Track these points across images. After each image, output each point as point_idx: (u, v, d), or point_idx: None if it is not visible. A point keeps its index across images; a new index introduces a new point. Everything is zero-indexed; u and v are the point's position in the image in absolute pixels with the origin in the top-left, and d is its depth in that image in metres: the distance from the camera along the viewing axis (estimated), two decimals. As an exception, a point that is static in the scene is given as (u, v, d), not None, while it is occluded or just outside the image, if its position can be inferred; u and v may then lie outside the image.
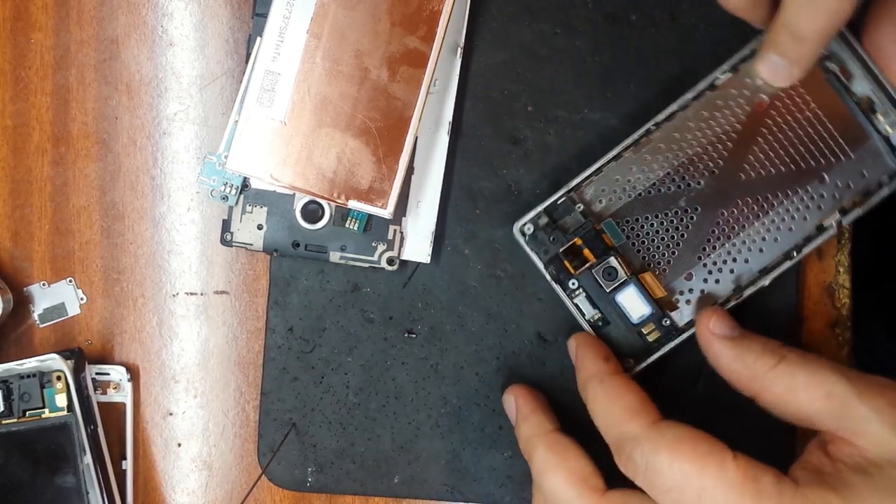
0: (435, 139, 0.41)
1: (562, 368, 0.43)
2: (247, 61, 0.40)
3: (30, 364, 0.42)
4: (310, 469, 0.43)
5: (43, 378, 0.42)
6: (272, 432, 0.43)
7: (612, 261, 0.38)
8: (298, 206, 0.41)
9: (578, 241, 0.39)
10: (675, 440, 0.33)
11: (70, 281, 0.44)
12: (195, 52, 0.44)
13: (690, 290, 0.39)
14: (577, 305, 0.39)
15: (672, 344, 0.39)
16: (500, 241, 0.43)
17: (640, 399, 0.36)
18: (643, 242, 0.39)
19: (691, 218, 0.39)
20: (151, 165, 0.44)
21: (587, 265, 0.39)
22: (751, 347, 0.35)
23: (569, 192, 0.39)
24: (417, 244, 0.42)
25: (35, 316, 0.44)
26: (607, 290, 0.39)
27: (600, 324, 0.39)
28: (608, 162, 0.39)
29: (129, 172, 0.44)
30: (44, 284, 0.44)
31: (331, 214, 0.41)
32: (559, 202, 0.39)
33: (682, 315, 0.39)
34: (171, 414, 0.45)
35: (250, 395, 0.44)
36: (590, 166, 0.40)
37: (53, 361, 0.42)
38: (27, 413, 0.42)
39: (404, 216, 0.42)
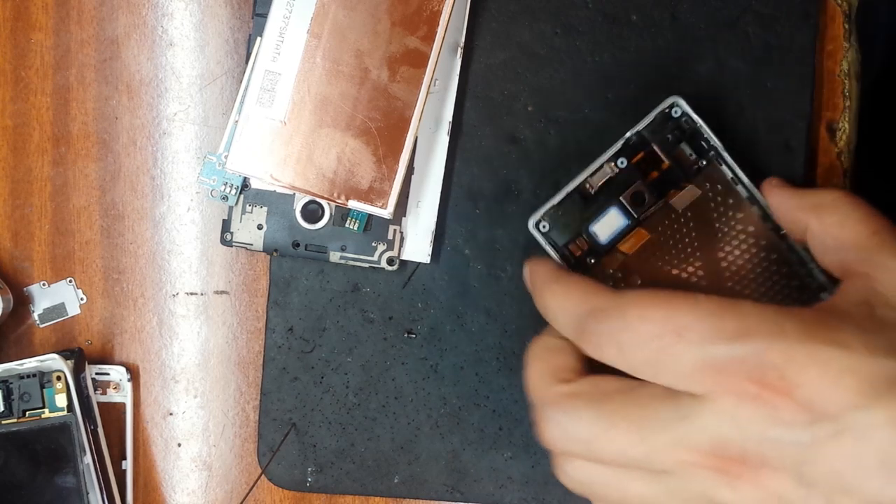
0: (435, 139, 0.41)
1: (562, 368, 0.43)
2: (247, 61, 0.40)
3: (30, 364, 0.42)
4: (310, 469, 0.43)
5: (43, 378, 0.42)
6: (272, 432, 0.43)
7: (650, 199, 0.37)
8: (298, 206, 0.41)
9: (666, 163, 0.38)
10: (641, 296, 0.31)
11: (70, 281, 0.44)
12: (195, 52, 0.44)
13: None
14: (601, 167, 0.38)
15: (564, 265, 0.39)
16: (500, 241, 0.43)
17: (599, 284, 0.34)
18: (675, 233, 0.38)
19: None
20: (151, 165, 0.44)
21: (643, 175, 0.38)
22: (807, 190, 0.36)
23: (717, 152, 0.38)
24: (417, 244, 0.42)
25: (35, 316, 0.44)
26: (621, 198, 0.38)
27: (585, 194, 0.38)
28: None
29: (129, 172, 0.44)
30: (44, 284, 0.44)
31: (331, 214, 0.41)
32: (707, 140, 0.38)
33: (609, 277, 0.38)
34: (171, 414, 0.45)
35: (250, 395, 0.44)
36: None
37: (53, 361, 0.42)
38: (27, 413, 0.42)
39: (404, 216, 0.42)
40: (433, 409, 0.43)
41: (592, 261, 0.37)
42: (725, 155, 0.37)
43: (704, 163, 0.37)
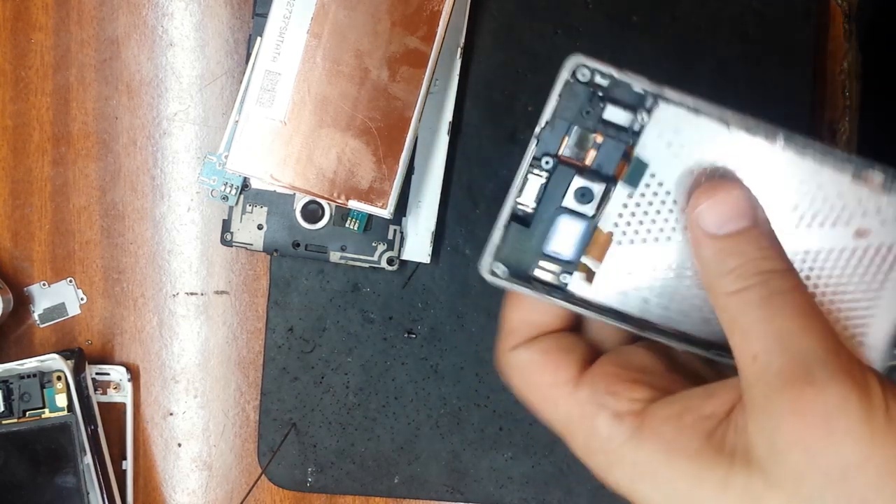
0: (435, 139, 0.41)
1: (562, 368, 0.43)
2: (247, 61, 0.40)
3: (30, 364, 0.42)
4: (310, 469, 0.43)
5: (43, 378, 0.42)
6: (272, 432, 0.43)
7: (598, 188, 0.30)
8: (298, 206, 0.41)
9: (600, 136, 0.30)
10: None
11: (70, 281, 0.44)
12: (195, 52, 0.44)
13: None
14: (525, 180, 0.30)
15: (543, 297, 0.30)
16: (501, 242, 0.43)
17: (523, 318, 0.31)
18: (644, 213, 0.30)
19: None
20: (151, 165, 0.44)
21: (577, 164, 0.30)
22: (740, 251, 0.27)
23: (655, 94, 0.29)
24: (417, 244, 0.42)
25: (35, 316, 0.44)
26: (560, 204, 0.30)
27: (521, 217, 0.30)
28: (721, 118, 0.29)
29: (129, 172, 0.44)
30: (44, 284, 0.44)
31: (331, 214, 0.41)
32: (633, 88, 0.30)
33: (585, 291, 0.30)
34: (171, 414, 0.45)
35: (250, 395, 0.44)
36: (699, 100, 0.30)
37: (53, 361, 0.42)
38: (27, 413, 0.42)
39: (404, 216, 0.42)
40: (433, 409, 0.43)
41: (567, 280, 0.30)
42: (667, 90, 0.29)
43: (646, 114, 0.29)
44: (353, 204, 0.39)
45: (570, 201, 0.30)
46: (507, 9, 0.42)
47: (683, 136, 0.29)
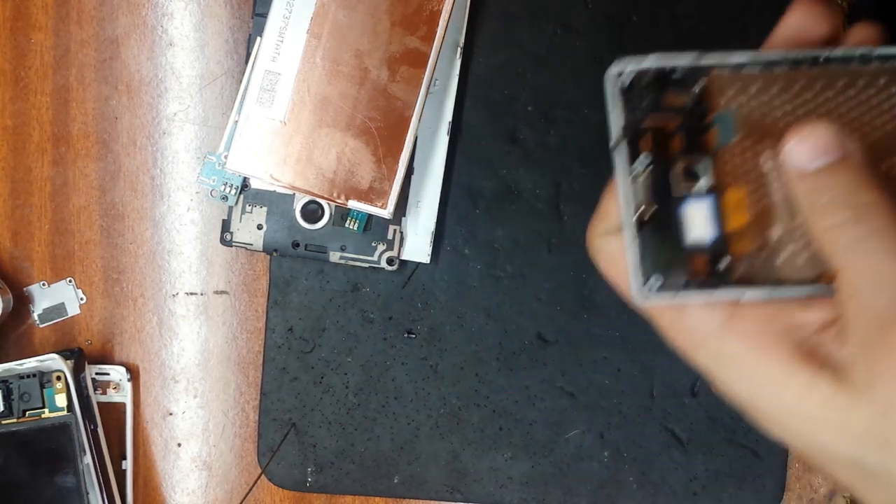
0: (435, 139, 0.41)
1: (562, 369, 0.43)
2: (247, 61, 0.40)
3: (30, 364, 0.42)
4: (309, 469, 0.43)
5: (43, 378, 0.42)
6: (272, 432, 0.43)
7: (700, 162, 0.29)
8: (298, 206, 0.41)
9: (674, 124, 0.30)
10: None
11: (70, 281, 0.44)
12: (195, 52, 0.44)
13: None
14: (633, 188, 0.29)
15: (707, 296, 0.29)
16: (500, 241, 0.43)
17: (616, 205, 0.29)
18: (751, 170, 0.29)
19: None
20: (151, 165, 0.44)
21: (669, 152, 0.30)
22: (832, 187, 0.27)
23: (702, 65, 0.29)
24: (417, 244, 0.42)
25: (35, 316, 0.44)
26: (677, 191, 0.29)
27: (646, 223, 0.29)
28: (766, 65, 0.29)
29: (129, 172, 0.44)
30: (44, 284, 0.44)
31: (331, 214, 0.41)
32: (684, 67, 0.30)
33: (746, 265, 0.29)
34: (170, 414, 0.45)
35: (250, 395, 0.44)
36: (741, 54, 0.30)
37: (53, 361, 0.42)
38: (27, 413, 0.42)
39: (404, 216, 0.42)
40: (433, 409, 0.43)
41: (724, 264, 0.29)
42: (709, 57, 0.29)
43: (702, 85, 0.30)
44: (353, 204, 0.39)
45: (682, 187, 0.29)
46: (507, 9, 0.42)
47: (746, 88, 0.29)
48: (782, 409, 0.27)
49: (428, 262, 0.42)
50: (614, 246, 0.30)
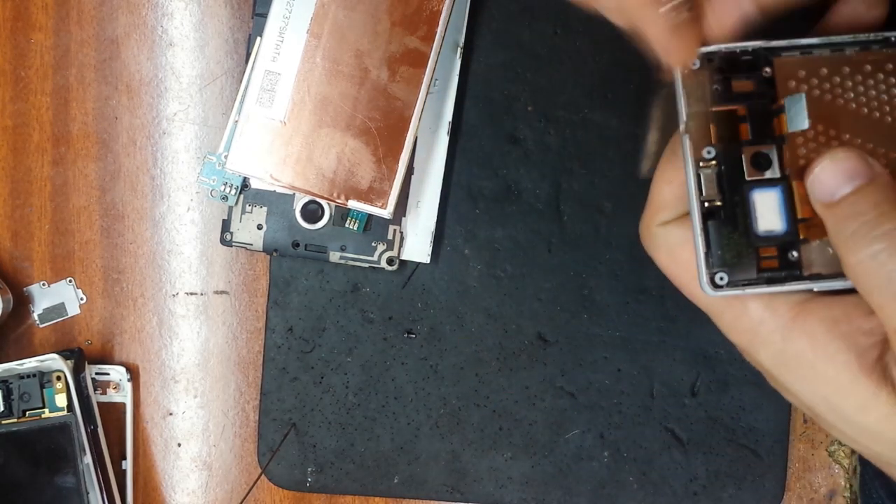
0: (435, 139, 0.41)
1: (562, 369, 0.43)
2: (247, 61, 0.40)
3: (30, 364, 0.42)
4: (309, 469, 0.43)
5: (43, 378, 0.42)
6: (272, 432, 0.43)
7: (770, 148, 0.28)
8: (298, 206, 0.41)
9: (743, 109, 0.29)
10: None
11: (70, 281, 0.44)
12: (195, 52, 0.44)
13: None
14: (699, 178, 0.28)
15: (780, 288, 0.28)
16: (500, 241, 0.43)
17: (675, 193, 0.29)
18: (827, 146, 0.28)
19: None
20: (151, 165, 0.44)
21: (737, 141, 0.29)
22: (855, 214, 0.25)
23: (769, 48, 0.28)
24: (417, 244, 0.42)
25: (35, 316, 0.44)
26: (746, 179, 0.28)
27: (713, 213, 0.28)
28: (835, 46, 0.28)
29: (129, 172, 0.44)
30: (44, 284, 0.44)
31: (331, 214, 0.41)
32: (751, 52, 0.29)
33: (817, 255, 0.28)
34: (170, 414, 0.45)
35: (250, 395, 0.44)
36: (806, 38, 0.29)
37: (53, 361, 0.42)
38: (27, 413, 0.42)
39: (404, 216, 0.42)
40: (433, 409, 0.43)
41: (795, 254, 0.28)
42: (776, 42, 0.28)
43: (769, 69, 0.29)
44: (353, 204, 0.39)
45: (752, 174, 0.28)
46: (507, 9, 0.42)
47: (816, 71, 0.28)
48: (841, 417, 0.26)
49: (428, 262, 0.42)
50: (675, 236, 0.29)
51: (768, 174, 0.28)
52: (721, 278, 0.28)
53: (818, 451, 0.44)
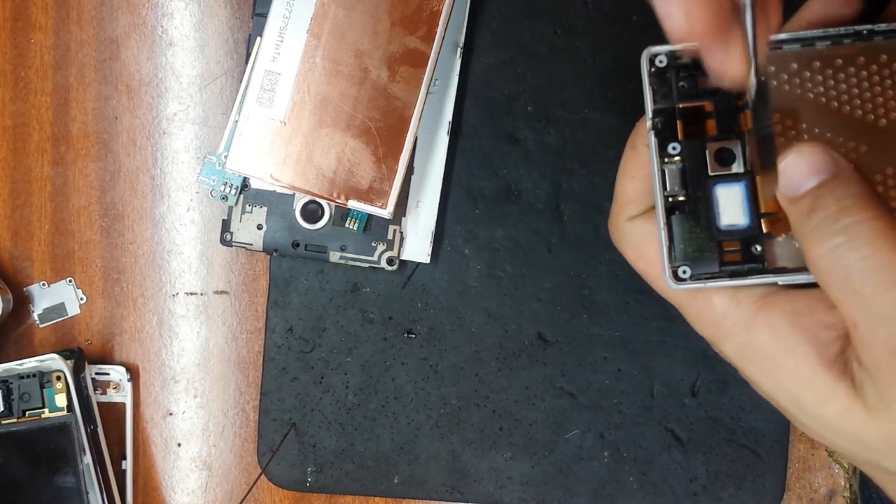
0: (435, 139, 0.41)
1: (562, 369, 0.43)
2: (247, 61, 0.40)
3: (30, 364, 0.42)
4: (309, 469, 0.43)
5: (43, 378, 0.42)
6: (272, 432, 0.43)
7: (734, 144, 0.28)
8: (298, 206, 0.41)
9: (709, 106, 0.29)
10: None
11: (70, 281, 0.44)
12: (195, 52, 0.44)
13: None
14: (663, 173, 0.29)
15: (743, 282, 0.28)
16: (500, 241, 0.43)
17: (639, 187, 0.29)
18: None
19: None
20: (151, 165, 0.44)
21: (702, 136, 0.29)
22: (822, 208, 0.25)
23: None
24: (417, 244, 0.42)
25: (35, 316, 0.44)
26: (710, 174, 0.28)
27: (677, 207, 0.29)
28: (803, 41, 0.28)
29: (129, 172, 0.44)
30: (44, 284, 0.44)
31: (331, 214, 0.41)
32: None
33: (782, 249, 0.28)
34: (170, 414, 0.45)
35: (250, 395, 0.44)
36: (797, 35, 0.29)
37: (53, 361, 0.42)
38: (27, 413, 0.42)
39: (404, 216, 0.42)
40: (433, 409, 0.43)
41: (758, 248, 0.28)
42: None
43: None
44: (353, 204, 0.39)
45: (715, 170, 0.29)
46: (507, 9, 0.42)
47: (784, 67, 0.28)
48: (802, 410, 0.26)
49: (428, 262, 0.42)
50: (641, 231, 0.29)
51: (734, 168, 0.28)
52: (684, 272, 0.28)
53: (818, 451, 0.44)
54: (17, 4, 0.44)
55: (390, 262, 0.41)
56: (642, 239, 0.29)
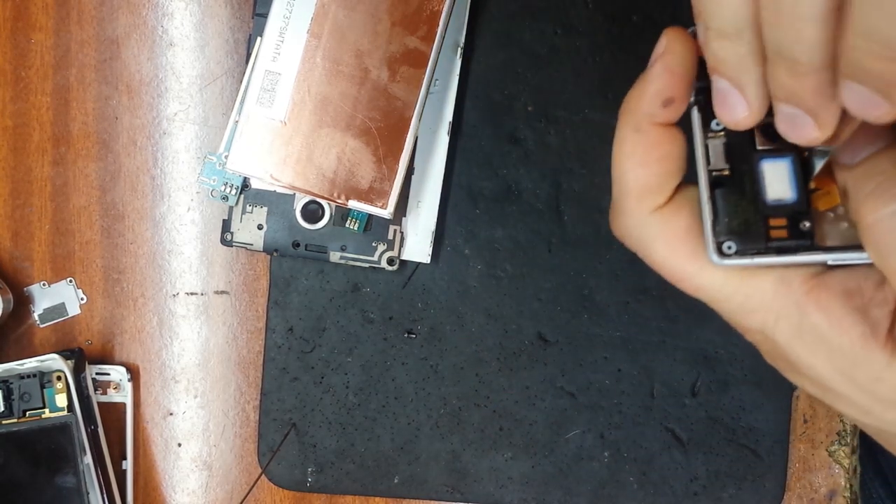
0: (435, 139, 0.41)
1: (562, 369, 0.43)
2: (247, 61, 0.40)
3: (30, 364, 0.42)
4: (310, 469, 0.43)
5: (43, 378, 0.42)
6: (272, 432, 0.43)
7: None
8: (298, 206, 0.41)
9: None
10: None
11: (70, 281, 0.44)
12: (195, 52, 0.44)
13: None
14: (706, 147, 0.28)
15: (790, 259, 0.27)
16: (501, 241, 0.43)
17: (659, 173, 0.27)
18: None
19: None
20: (151, 165, 0.44)
21: None
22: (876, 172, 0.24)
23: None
24: (417, 244, 0.42)
25: (35, 316, 0.44)
26: (757, 148, 0.27)
27: (721, 182, 0.28)
28: None
29: (129, 172, 0.44)
30: (44, 284, 0.44)
31: (331, 214, 0.41)
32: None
33: (830, 228, 0.27)
34: (171, 414, 0.45)
35: (250, 395, 0.44)
36: None
37: (53, 361, 0.42)
38: (27, 413, 0.42)
39: (404, 216, 0.42)
40: (433, 410, 0.43)
41: (807, 224, 0.27)
42: None
43: None
44: (353, 204, 0.39)
45: (763, 144, 0.27)
46: (507, 9, 0.42)
47: None
48: (856, 387, 0.26)
49: (428, 262, 0.42)
50: (674, 223, 0.27)
51: (779, 144, 0.27)
52: (729, 247, 0.27)
53: (818, 451, 0.44)
54: (18, 4, 0.44)
55: (391, 262, 0.41)
56: (676, 231, 0.27)
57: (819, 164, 0.27)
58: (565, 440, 0.43)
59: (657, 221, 0.28)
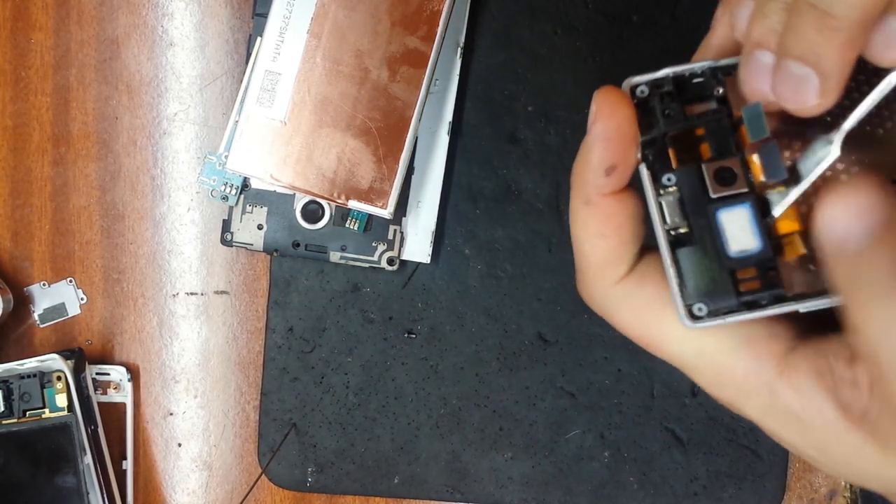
0: (435, 139, 0.41)
1: (562, 369, 0.43)
2: (247, 61, 0.40)
3: (30, 364, 0.42)
4: (310, 469, 0.43)
5: (43, 378, 0.42)
6: (272, 432, 0.43)
7: (733, 162, 0.26)
8: (298, 206, 0.41)
9: (700, 130, 0.27)
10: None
11: (70, 281, 0.44)
12: (195, 52, 0.44)
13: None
14: (660, 206, 0.26)
15: (761, 313, 0.25)
16: (500, 241, 0.43)
17: (616, 244, 0.27)
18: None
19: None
20: (151, 165, 0.44)
21: (697, 161, 0.27)
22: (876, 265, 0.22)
23: (718, 68, 0.27)
24: (417, 244, 0.42)
25: (35, 316, 0.44)
26: (711, 196, 0.26)
27: (682, 240, 0.26)
28: None
29: (129, 172, 0.44)
30: (44, 284, 0.44)
31: (331, 214, 0.41)
32: (700, 73, 0.27)
33: (798, 276, 0.26)
34: (171, 414, 0.45)
35: (250, 395, 0.44)
36: None
37: (54, 361, 0.42)
38: (27, 413, 0.42)
39: (404, 216, 0.42)
40: (433, 410, 0.43)
41: (772, 272, 0.26)
42: (724, 61, 0.27)
43: (721, 89, 0.27)
44: (353, 204, 0.39)
45: (717, 191, 0.26)
46: (507, 9, 0.42)
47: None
48: (833, 461, 0.26)
49: (428, 262, 0.42)
50: (638, 294, 0.27)
51: (734, 189, 0.26)
52: (700, 309, 0.26)
53: (818, 451, 0.44)
54: (18, 4, 0.44)
55: (391, 262, 0.41)
56: (643, 302, 0.27)
57: (778, 205, 0.26)
58: (565, 440, 0.43)
59: (621, 293, 0.27)
